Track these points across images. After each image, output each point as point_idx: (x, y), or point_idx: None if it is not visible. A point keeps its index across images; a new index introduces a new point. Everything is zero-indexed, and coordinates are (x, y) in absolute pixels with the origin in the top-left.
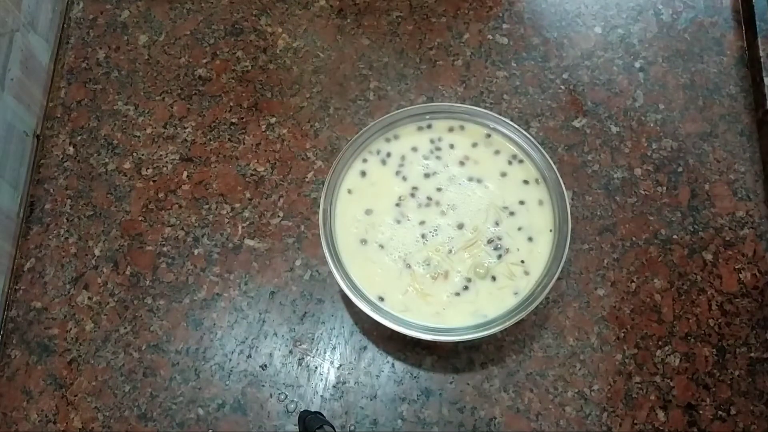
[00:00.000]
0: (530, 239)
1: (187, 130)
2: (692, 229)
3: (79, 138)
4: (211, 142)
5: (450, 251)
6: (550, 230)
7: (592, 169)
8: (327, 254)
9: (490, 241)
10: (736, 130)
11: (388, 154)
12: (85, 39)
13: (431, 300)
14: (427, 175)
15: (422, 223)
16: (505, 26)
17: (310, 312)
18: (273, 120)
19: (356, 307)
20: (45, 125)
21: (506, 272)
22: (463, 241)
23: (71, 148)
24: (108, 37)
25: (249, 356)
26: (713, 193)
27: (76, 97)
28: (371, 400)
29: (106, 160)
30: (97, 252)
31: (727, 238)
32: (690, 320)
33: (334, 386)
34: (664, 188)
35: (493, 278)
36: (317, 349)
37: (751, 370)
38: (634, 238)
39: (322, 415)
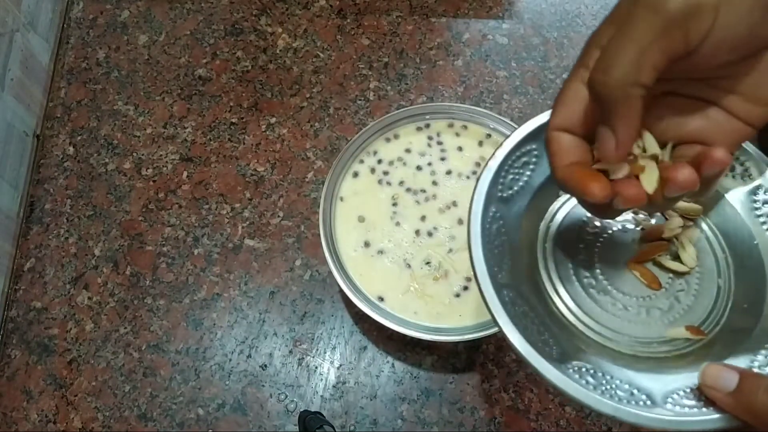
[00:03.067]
0: None
1: (187, 130)
2: None
3: (79, 138)
4: (211, 142)
5: (450, 250)
6: None
7: None
8: (327, 254)
9: None
10: None
11: (379, 161)
12: (85, 39)
13: (431, 300)
14: (419, 168)
15: (422, 220)
16: (505, 26)
17: (310, 312)
18: (273, 120)
19: (356, 307)
20: (45, 125)
21: None
22: (463, 241)
23: (71, 148)
24: (108, 37)
25: (249, 356)
26: None
27: (76, 97)
28: (371, 400)
29: (106, 160)
30: (97, 252)
31: None
32: None
33: (334, 386)
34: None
35: None
36: (317, 349)
37: None
38: None
39: (322, 415)
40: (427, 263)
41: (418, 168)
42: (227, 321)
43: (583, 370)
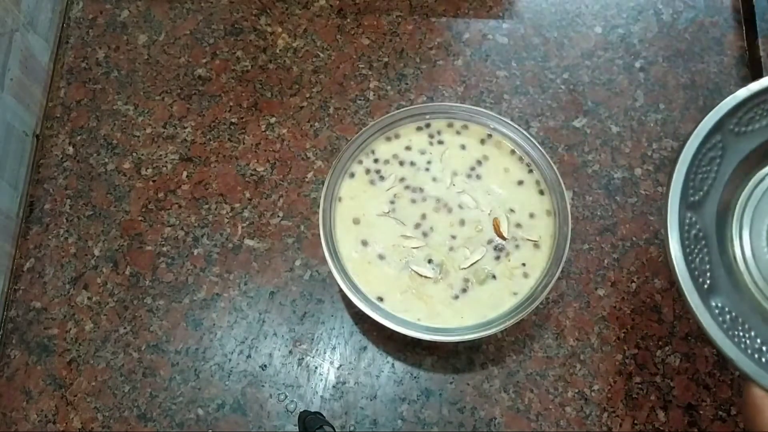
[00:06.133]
0: (531, 241)
1: (186, 130)
2: None
3: (78, 138)
4: (211, 142)
5: (450, 249)
6: (551, 235)
7: (592, 169)
8: (327, 254)
9: (490, 242)
10: None
11: (377, 161)
12: (84, 39)
13: (431, 300)
14: (419, 167)
15: (423, 220)
16: (505, 26)
17: (310, 312)
18: (273, 120)
19: (356, 307)
20: (45, 125)
21: (506, 272)
22: (463, 240)
23: (71, 148)
24: (108, 36)
25: (249, 356)
26: None
27: (76, 97)
28: (371, 400)
29: (106, 160)
30: (96, 252)
31: None
32: (690, 320)
33: (334, 386)
34: (665, 188)
35: (494, 278)
36: (317, 349)
37: None
38: (634, 238)
39: (322, 415)
40: (429, 261)
41: (418, 167)
42: (227, 321)
43: (726, 310)
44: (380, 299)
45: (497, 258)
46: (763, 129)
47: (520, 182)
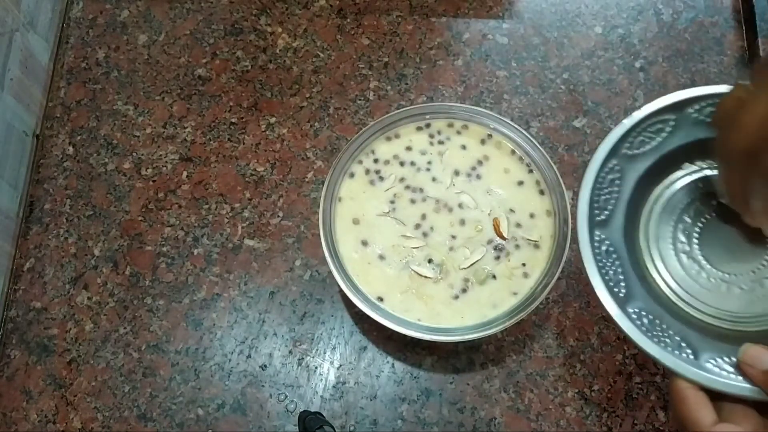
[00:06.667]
0: (531, 241)
1: (186, 130)
2: None
3: (78, 138)
4: (211, 142)
5: (450, 249)
6: (551, 235)
7: None
8: (327, 254)
9: (490, 242)
10: None
11: (377, 161)
12: (84, 39)
13: (431, 300)
14: (419, 167)
15: (423, 220)
16: (505, 26)
17: (310, 312)
18: (273, 120)
19: (356, 307)
20: (45, 125)
21: (506, 272)
22: (463, 240)
23: (71, 148)
24: (108, 36)
25: (249, 356)
26: None
27: (76, 96)
28: (371, 400)
29: (106, 160)
30: (96, 252)
31: None
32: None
33: (334, 386)
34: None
35: (494, 278)
36: (317, 349)
37: None
38: None
39: (322, 415)
40: (429, 261)
41: (418, 167)
42: (227, 321)
43: (642, 313)
44: (380, 299)
45: (497, 258)
46: (653, 149)
47: (520, 182)
